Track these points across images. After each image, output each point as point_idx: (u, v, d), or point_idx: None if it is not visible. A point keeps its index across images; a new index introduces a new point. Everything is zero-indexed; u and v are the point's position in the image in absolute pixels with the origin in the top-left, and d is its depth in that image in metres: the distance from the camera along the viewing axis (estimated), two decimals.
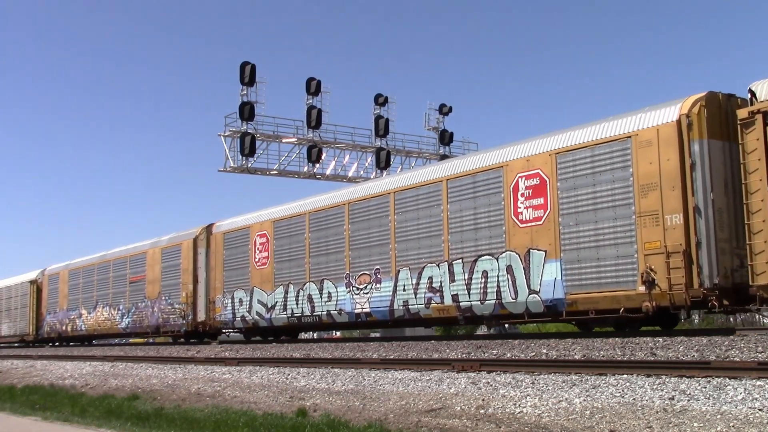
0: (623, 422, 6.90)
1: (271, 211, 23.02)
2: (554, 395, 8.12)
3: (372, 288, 18.51)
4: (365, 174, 36.76)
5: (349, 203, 19.62)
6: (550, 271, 14.54)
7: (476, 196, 16.19)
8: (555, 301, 14.47)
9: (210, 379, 13.76)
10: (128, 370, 17.33)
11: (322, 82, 35.47)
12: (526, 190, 15.17)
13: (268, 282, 22.23)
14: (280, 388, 11.63)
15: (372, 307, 18.49)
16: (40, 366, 21.52)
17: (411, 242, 17.60)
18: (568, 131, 14.78)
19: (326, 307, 19.90)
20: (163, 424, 10.07)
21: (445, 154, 38.68)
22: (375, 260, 18.52)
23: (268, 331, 24.16)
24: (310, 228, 20.81)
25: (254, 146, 34.23)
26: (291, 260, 21.41)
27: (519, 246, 15.17)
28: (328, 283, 19.92)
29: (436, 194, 17.14)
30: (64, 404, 13.29)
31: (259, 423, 9.09)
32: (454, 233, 16.59)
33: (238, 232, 24.09)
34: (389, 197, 18.39)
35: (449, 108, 39.86)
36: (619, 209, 13.61)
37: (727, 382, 7.60)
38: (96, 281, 32.90)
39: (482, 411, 8.14)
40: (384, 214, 18.43)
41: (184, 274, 26.39)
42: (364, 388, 10.37)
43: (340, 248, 19.64)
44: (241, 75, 33.97)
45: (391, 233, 18.12)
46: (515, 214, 15.32)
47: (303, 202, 21.78)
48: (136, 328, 29.71)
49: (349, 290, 19.23)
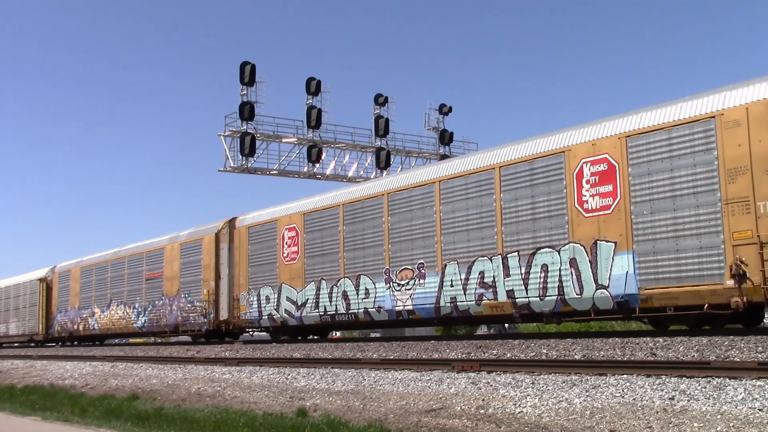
0: (623, 422, 6.90)
1: (300, 204, 21.91)
2: (554, 395, 8.12)
3: (415, 284, 17.40)
4: (365, 174, 36.80)
5: (388, 194, 18.49)
6: (621, 264, 13.51)
7: (534, 184, 15.11)
8: (627, 297, 13.41)
9: (210, 379, 13.76)
10: (128, 370, 17.33)
11: (322, 82, 35.54)
12: (592, 176, 14.14)
13: (297, 278, 21.11)
14: (280, 388, 11.63)
15: (415, 304, 17.37)
16: (40, 366, 21.51)
17: (459, 234, 16.50)
18: (640, 112, 13.69)
19: (363, 304, 18.79)
20: (163, 424, 10.07)
21: (445, 154, 38.71)
22: (418, 254, 17.45)
23: (297, 330, 23.14)
24: (345, 220, 19.67)
25: (254, 146, 34.25)
26: (323, 255, 20.31)
27: (584, 237, 14.13)
28: (365, 278, 18.83)
29: (487, 183, 16.03)
30: (64, 404, 13.29)
31: (259, 423, 9.09)
32: (508, 224, 15.51)
33: (265, 225, 22.91)
34: (433, 187, 17.25)
35: (449, 108, 39.90)
36: (701, 196, 12.55)
37: (727, 382, 7.61)
38: (110, 278, 31.77)
39: (482, 411, 8.14)
40: (427, 205, 17.34)
41: (206, 271, 25.28)
42: (364, 388, 10.37)
43: (379, 241, 18.56)
44: (241, 75, 33.99)
45: (437, 225, 17.03)
46: (579, 202, 14.29)
47: (336, 193, 20.81)
48: (153, 327, 28.62)
49: (388, 286, 18.11)
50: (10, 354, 30.84)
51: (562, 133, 14.97)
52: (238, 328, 24.40)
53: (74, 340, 35.71)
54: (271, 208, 23.29)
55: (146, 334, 31.55)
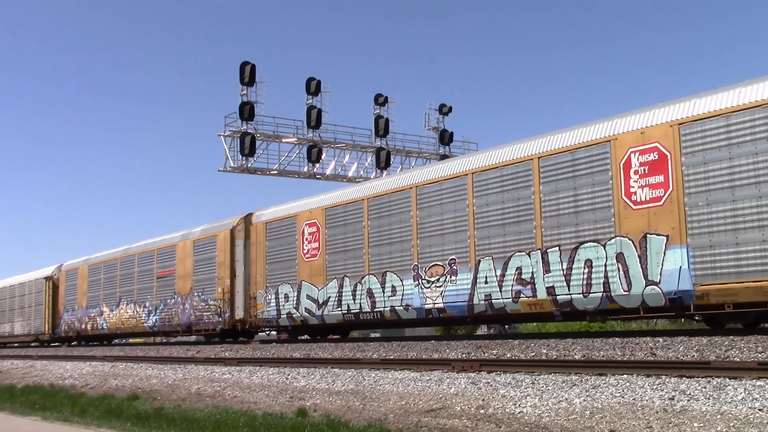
0: (623, 422, 6.90)
1: (321, 198, 21.20)
2: (554, 395, 8.12)
3: (446, 281, 16.64)
4: (365, 174, 36.81)
5: (417, 187, 17.70)
6: (674, 258, 12.76)
7: (576, 176, 14.38)
8: (680, 294, 12.72)
9: (210, 379, 13.76)
10: (128, 370, 17.33)
11: (322, 82, 35.54)
12: (641, 166, 13.36)
13: (319, 275, 20.34)
14: (280, 388, 11.63)
15: (446, 302, 16.58)
16: (40, 366, 21.52)
17: (494, 229, 15.76)
18: (693, 99, 13.04)
19: (390, 302, 18.02)
20: (163, 424, 10.07)
21: (445, 154, 38.71)
22: (449, 249, 16.67)
23: (318, 329, 22.33)
24: (369, 215, 18.93)
25: (254, 146, 34.25)
26: (346, 251, 19.56)
27: (632, 230, 13.38)
28: (392, 275, 18.08)
29: (524, 174, 15.29)
30: (63, 404, 13.29)
31: (259, 423, 9.09)
32: (549, 218, 14.75)
33: (283, 221, 22.11)
34: (466, 179, 16.46)
35: (449, 108, 39.90)
36: (764, 186, 11.87)
37: (727, 382, 7.61)
38: (119, 276, 30.92)
39: (482, 411, 8.14)
40: (460, 198, 16.56)
41: (220, 268, 24.45)
42: (364, 388, 10.37)
43: (406, 237, 17.81)
44: (241, 75, 34.00)
45: (470, 219, 16.26)
46: (627, 194, 13.54)
47: (360, 187, 20.25)
48: (164, 327, 27.77)
49: (417, 283, 17.33)
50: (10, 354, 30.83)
51: (607, 121, 14.28)
52: (255, 327, 23.70)
53: (82, 340, 35.08)
54: (289, 203, 22.65)
55: (157, 333, 30.70)
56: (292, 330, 22.83)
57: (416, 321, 18.64)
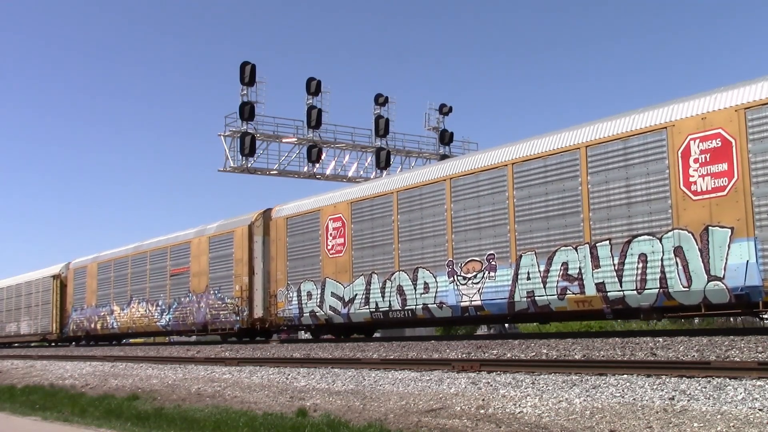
0: (623, 422, 6.90)
1: (347, 192, 20.50)
2: (554, 395, 8.13)
3: (484, 277, 15.89)
4: (365, 174, 36.81)
5: (451, 179, 16.90)
6: (739, 252, 12.00)
7: (629, 165, 13.60)
8: (747, 290, 11.94)
9: (210, 379, 13.77)
10: (128, 370, 17.33)
11: (322, 82, 35.55)
12: (702, 154, 12.56)
13: (344, 272, 19.52)
14: (280, 388, 11.64)
15: (484, 299, 15.83)
16: (40, 366, 21.53)
17: (537, 222, 15.01)
18: (761, 81, 12.16)
19: (422, 299, 17.23)
20: (163, 424, 10.07)
21: (445, 154, 38.72)
22: (487, 244, 15.89)
23: (343, 328, 21.43)
24: (399, 209, 18.14)
25: (254, 146, 34.27)
26: (374, 246, 18.76)
27: (692, 222, 12.60)
28: (425, 272, 17.30)
29: (571, 165, 14.53)
30: (64, 404, 13.30)
31: (259, 423, 9.09)
32: (598, 210, 14.00)
33: (306, 216, 21.25)
34: (505, 170, 15.70)
35: (449, 108, 39.91)
36: None
37: (727, 382, 7.61)
38: (130, 274, 30.09)
39: (482, 411, 8.14)
40: (499, 190, 15.81)
41: (238, 265, 23.67)
42: (364, 388, 10.38)
43: (440, 231, 17.01)
44: (241, 75, 34.01)
45: (510, 212, 15.49)
46: (686, 184, 12.75)
47: (389, 180, 19.51)
48: (178, 326, 26.91)
49: (452, 280, 16.56)
50: (10, 354, 30.83)
51: (663, 107, 13.46)
52: (276, 327, 22.96)
53: (91, 340, 34.42)
54: (312, 197, 21.99)
55: (171, 333, 29.84)
56: (315, 329, 22.05)
57: (451, 319, 17.83)
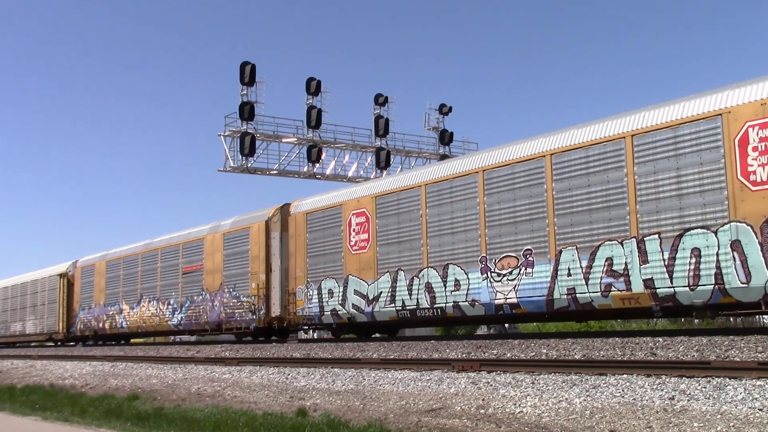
0: (623, 422, 6.90)
1: (370, 185, 19.81)
2: (554, 395, 8.13)
3: (520, 273, 15.25)
4: (365, 174, 36.82)
5: (484, 170, 16.19)
6: None
7: (680, 154, 12.95)
8: None
9: (210, 379, 13.77)
10: (128, 370, 17.34)
11: (322, 82, 35.58)
12: (761, 142, 11.91)
13: (368, 269, 18.80)
14: (280, 388, 11.64)
15: (521, 297, 15.18)
16: (40, 366, 21.53)
17: (579, 215, 14.33)
18: None
19: (453, 297, 16.53)
20: (163, 424, 10.07)
21: (445, 154, 38.72)
22: (524, 239, 15.24)
23: (366, 327, 20.67)
24: (428, 203, 17.43)
25: (254, 146, 34.28)
26: (400, 242, 18.07)
27: (751, 215, 11.92)
28: (455, 268, 16.58)
29: (614, 155, 13.87)
30: (64, 404, 13.30)
31: (259, 423, 9.09)
32: (646, 202, 13.31)
33: (327, 211, 20.53)
34: (543, 161, 15.01)
35: (449, 108, 39.92)
36: None
37: (727, 382, 7.61)
38: (140, 272, 29.41)
39: (482, 411, 8.14)
40: (536, 183, 15.15)
41: (254, 262, 22.88)
42: (364, 388, 10.38)
43: (472, 226, 16.31)
44: (241, 75, 34.03)
45: (548, 205, 14.82)
46: (743, 174, 12.08)
47: (416, 173, 18.65)
48: (191, 325, 26.16)
49: (485, 276, 15.90)
50: (10, 354, 30.82)
51: (717, 93, 12.86)
52: (294, 326, 22.19)
53: (99, 339, 33.89)
54: (333, 192, 21.46)
55: (183, 332, 29.05)
56: (337, 328, 21.18)
57: (484, 318, 17.16)
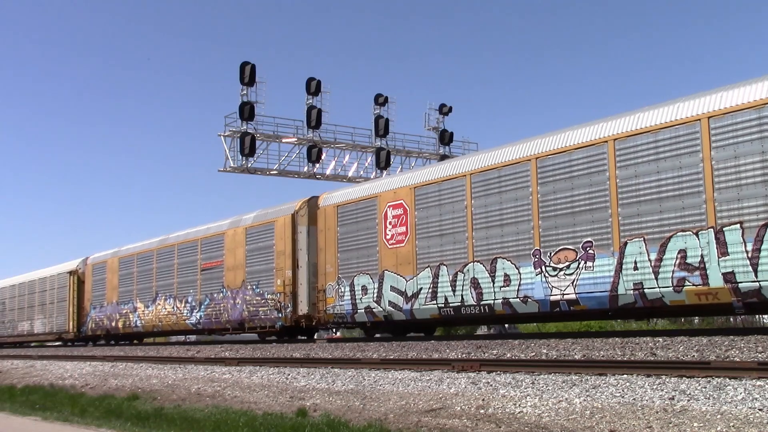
0: (623, 422, 6.90)
1: (408, 176, 19.00)
2: (554, 395, 8.12)
3: (579, 267, 14.37)
4: (365, 174, 36.81)
5: (537, 158, 15.30)
6: None
7: (765, 137, 12.06)
8: None
9: (210, 379, 13.77)
10: (128, 370, 17.33)
11: (322, 82, 35.54)
12: None
13: (406, 264, 17.91)
14: (280, 388, 11.64)
15: (580, 293, 14.29)
16: (40, 366, 21.53)
17: (646, 205, 13.44)
18: None
19: (502, 293, 15.68)
20: (163, 424, 10.07)
21: (445, 154, 38.72)
22: (583, 230, 14.38)
23: (404, 325, 19.75)
24: (473, 193, 16.57)
25: (254, 146, 34.26)
26: (442, 235, 17.20)
27: None
28: (505, 262, 15.74)
29: (688, 139, 12.98)
30: (64, 404, 13.30)
31: (259, 423, 9.09)
32: (724, 189, 12.43)
33: (360, 203, 19.65)
34: (605, 148, 14.14)
35: (449, 108, 39.89)
36: None
37: (727, 382, 7.61)
38: (155, 269, 28.54)
39: (482, 411, 8.14)
40: (597, 170, 14.29)
41: (280, 258, 21.95)
42: (364, 388, 10.38)
43: (524, 217, 15.46)
44: (241, 75, 34.01)
45: (611, 194, 13.98)
46: None
47: (459, 161, 17.81)
48: (210, 324, 25.26)
49: (539, 271, 15.06)
50: (10, 354, 30.81)
51: None
52: (324, 324, 21.29)
53: (111, 339, 33.16)
54: (366, 183, 20.73)
55: (202, 331, 27.89)
56: (371, 327, 20.35)
57: (537, 315, 16.19)
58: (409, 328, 20.49)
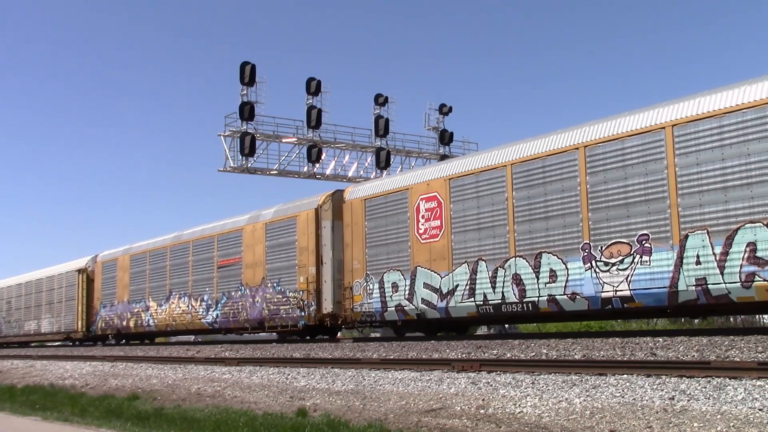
0: (623, 422, 6.90)
1: (442, 167, 18.10)
2: (554, 395, 8.13)
3: (634, 261, 13.51)
4: (365, 174, 36.81)
5: (586, 147, 14.46)
6: None
7: None
8: None
9: (210, 379, 13.77)
10: (128, 370, 17.34)
11: (322, 82, 35.53)
12: None
13: (441, 259, 17.07)
14: (280, 388, 11.64)
15: (635, 289, 13.41)
16: (40, 366, 21.53)
17: (710, 194, 12.54)
18: None
19: (547, 290, 14.82)
20: (163, 424, 10.08)
21: (445, 154, 38.72)
22: (638, 223, 13.51)
23: (438, 324, 18.88)
24: (515, 184, 15.74)
25: (254, 146, 34.26)
26: (480, 229, 16.35)
27: None
28: (550, 257, 14.88)
29: (758, 125, 11.97)
30: (64, 404, 13.31)
31: (259, 423, 9.10)
32: None
33: (390, 196, 18.80)
34: (661, 134, 13.25)
35: (449, 108, 39.89)
36: None
37: (727, 382, 7.62)
38: (169, 267, 27.70)
39: (482, 411, 8.14)
40: (653, 158, 13.39)
41: (302, 254, 21.13)
42: (364, 388, 10.38)
43: (572, 209, 14.60)
44: (241, 75, 34.01)
45: (669, 184, 13.07)
46: None
47: (499, 151, 16.65)
48: (228, 323, 24.45)
49: (588, 266, 14.21)
50: (10, 354, 30.81)
51: None
52: (351, 323, 20.36)
53: (122, 339, 32.46)
54: (396, 176, 19.63)
55: (218, 330, 26.92)
56: (402, 325, 19.48)
57: (587, 313, 15.06)
58: (444, 326, 19.70)
